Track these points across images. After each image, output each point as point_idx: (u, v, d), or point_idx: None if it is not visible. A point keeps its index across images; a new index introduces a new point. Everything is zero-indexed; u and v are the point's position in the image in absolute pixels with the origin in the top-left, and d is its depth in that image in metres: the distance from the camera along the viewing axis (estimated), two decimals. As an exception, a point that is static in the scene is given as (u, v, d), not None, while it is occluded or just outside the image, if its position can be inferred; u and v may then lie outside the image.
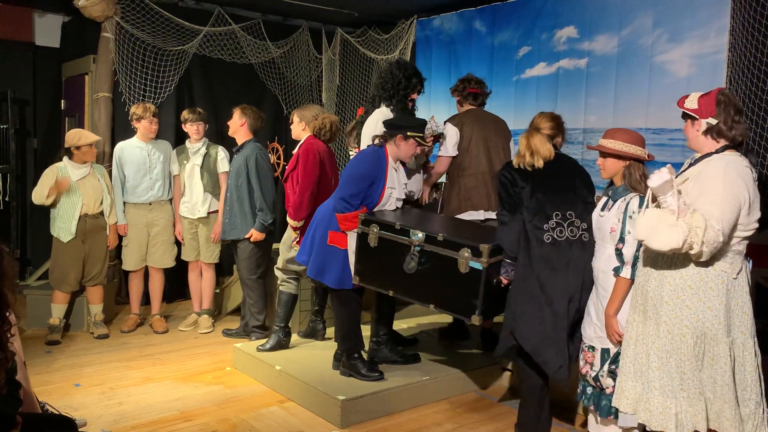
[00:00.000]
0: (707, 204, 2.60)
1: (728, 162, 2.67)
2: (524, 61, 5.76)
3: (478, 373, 4.30)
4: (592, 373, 3.22)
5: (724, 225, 2.58)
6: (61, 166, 5.11)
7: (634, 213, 3.02)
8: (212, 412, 3.85)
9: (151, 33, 6.05)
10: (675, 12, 4.66)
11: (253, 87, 6.94)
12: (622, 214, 3.07)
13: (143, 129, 5.34)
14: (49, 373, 4.41)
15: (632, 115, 4.93)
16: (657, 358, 2.78)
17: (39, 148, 6.96)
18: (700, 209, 2.60)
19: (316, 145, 4.58)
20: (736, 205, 2.61)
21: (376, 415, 3.80)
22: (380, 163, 3.91)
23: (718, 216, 2.57)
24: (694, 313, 2.70)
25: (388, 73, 4.36)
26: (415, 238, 3.61)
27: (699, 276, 2.71)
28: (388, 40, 6.79)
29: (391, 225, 3.72)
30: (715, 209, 2.58)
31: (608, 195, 3.21)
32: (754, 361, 2.73)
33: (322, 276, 3.97)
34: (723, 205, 2.59)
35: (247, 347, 4.60)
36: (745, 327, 2.73)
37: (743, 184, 2.63)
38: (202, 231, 5.45)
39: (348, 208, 3.85)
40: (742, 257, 2.72)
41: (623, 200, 3.10)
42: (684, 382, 2.72)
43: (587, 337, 3.26)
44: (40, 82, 6.88)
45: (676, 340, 2.73)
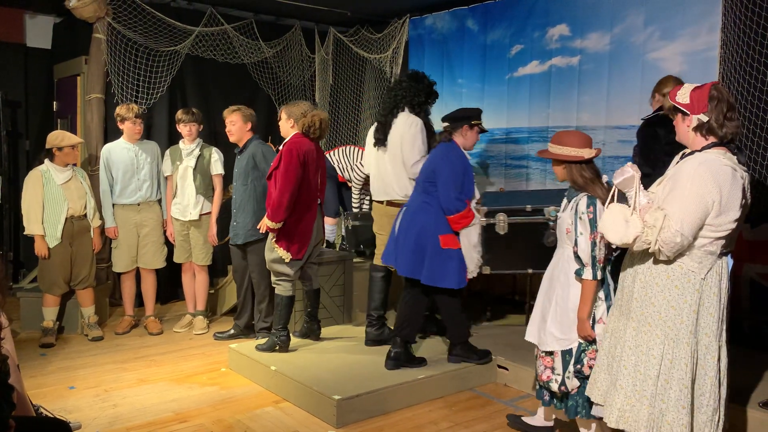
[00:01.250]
0: (672, 204, 2.60)
1: (702, 162, 2.61)
2: (517, 59, 5.77)
3: (473, 372, 4.30)
4: (555, 378, 3.17)
5: (684, 226, 2.55)
6: (44, 170, 5.05)
7: (582, 213, 3.04)
8: (207, 413, 3.85)
9: (143, 33, 6.03)
10: (667, 9, 4.67)
11: (246, 87, 6.93)
12: (573, 215, 3.09)
13: (127, 130, 5.31)
14: (44, 376, 4.39)
15: (624, 112, 4.95)
16: (624, 354, 2.77)
17: (31, 151, 6.92)
18: (666, 208, 2.61)
19: (301, 143, 4.43)
20: (701, 207, 2.56)
21: (372, 415, 3.81)
22: (463, 155, 4.12)
23: (678, 217, 2.56)
24: (657, 311, 2.68)
25: (413, 82, 4.61)
26: (551, 214, 4.22)
27: (666, 274, 2.68)
28: (381, 40, 6.79)
29: (520, 209, 4.31)
30: (676, 210, 2.57)
31: (566, 196, 3.24)
32: (716, 366, 2.65)
33: (442, 281, 4.05)
34: (686, 206, 2.57)
35: (242, 348, 4.59)
36: (710, 329, 2.65)
37: (714, 185, 2.56)
38: (193, 233, 5.42)
39: (463, 204, 4.02)
40: (715, 257, 2.64)
41: (574, 201, 3.12)
42: (643, 383, 2.69)
43: (544, 343, 3.22)
44: (31, 83, 6.85)
45: (641, 338, 2.72)
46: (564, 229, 3.15)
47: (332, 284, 5.45)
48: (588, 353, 3.08)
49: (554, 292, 3.20)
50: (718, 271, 2.66)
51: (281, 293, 4.58)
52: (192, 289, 5.58)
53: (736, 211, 2.59)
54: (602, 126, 5.10)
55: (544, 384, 3.26)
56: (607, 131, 5.07)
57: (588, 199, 3.05)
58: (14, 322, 5.39)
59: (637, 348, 2.73)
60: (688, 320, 2.64)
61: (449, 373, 4.20)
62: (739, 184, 2.60)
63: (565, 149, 3.17)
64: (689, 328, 2.64)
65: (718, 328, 2.66)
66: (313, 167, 4.51)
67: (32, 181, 5.01)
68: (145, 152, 5.40)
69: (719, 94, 2.67)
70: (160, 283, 5.72)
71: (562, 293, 3.15)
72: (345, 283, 5.55)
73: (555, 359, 3.18)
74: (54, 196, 5.03)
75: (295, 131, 4.57)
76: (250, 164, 4.93)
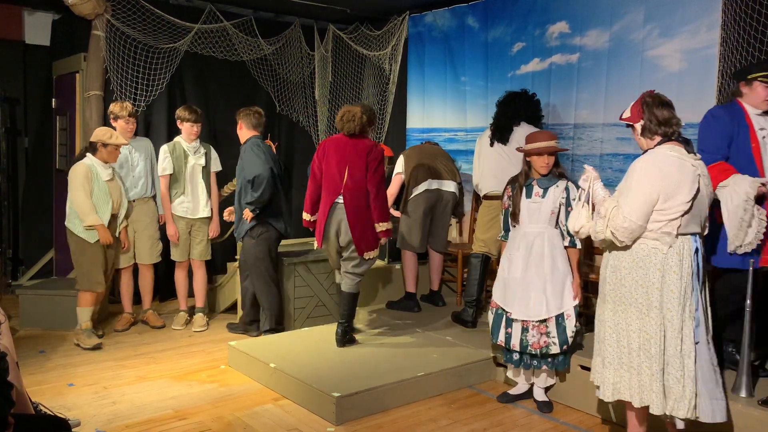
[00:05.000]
0: (623, 195, 3.03)
1: (648, 157, 3.05)
2: (519, 57, 5.76)
3: (472, 369, 4.31)
4: (552, 341, 3.72)
5: (631, 212, 2.97)
6: (90, 164, 4.86)
7: (573, 193, 3.69)
8: (207, 411, 3.85)
9: (142, 30, 6.02)
10: (666, 7, 4.67)
11: (246, 84, 6.92)
12: (563, 198, 3.73)
13: (120, 128, 5.22)
14: (43, 373, 4.39)
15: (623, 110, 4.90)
16: (607, 334, 3.15)
17: (30, 148, 6.92)
18: (619, 200, 3.05)
19: (327, 140, 4.63)
20: (646, 196, 2.96)
21: (371, 412, 3.81)
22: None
23: (627, 206, 2.98)
24: (629, 290, 3.06)
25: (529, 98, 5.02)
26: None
27: (630, 257, 3.06)
28: (380, 37, 6.78)
29: None
30: (625, 200, 3.01)
31: (532, 185, 3.81)
32: (678, 337, 2.98)
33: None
34: (633, 196, 2.98)
35: (241, 345, 4.60)
36: (672, 305, 2.98)
37: (658, 175, 2.96)
38: (201, 230, 5.43)
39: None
40: (673, 237, 2.98)
41: (557, 188, 3.76)
42: (628, 356, 3.07)
43: (536, 314, 3.73)
44: (30, 80, 6.84)
45: (618, 316, 3.10)
46: (547, 212, 3.75)
47: (331, 282, 5.46)
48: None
49: (541, 269, 3.76)
50: (679, 251, 2.99)
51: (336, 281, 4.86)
52: (185, 287, 5.57)
53: (685, 195, 2.95)
54: (600, 123, 5.10)
55: (543, 350, 3.75)
56: (605, 129, 5.07)
57: (574, 185, 3.69)
58: (13, 320, 5.39)
59: (617, 326, 3.12)
60: (654, 296, 3.01)
61: (448, 370, 4.20)
62: (688, 172, 2.97)
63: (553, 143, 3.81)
64: (655, 304, 3.00)
65: (680, 304, 2.98)
66: (335, 161, 4.50)
67: (82, 175, 4.80)
68: (138, 150, 5.40)
69: (650, 99, 3.16)
70: (158, 279, 5.71)
71: (551, 266, 3.74)
72: (344, 280, 5.55)
73: (549, 324, 3.75)
74: (101, 191, 4.88)
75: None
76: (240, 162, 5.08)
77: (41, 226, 6.89)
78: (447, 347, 4.59)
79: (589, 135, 5.20)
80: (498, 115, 5.00)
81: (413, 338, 4.79)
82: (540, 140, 3.82)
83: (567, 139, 5.35)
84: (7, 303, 5.72)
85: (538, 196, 3.78)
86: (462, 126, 6.39)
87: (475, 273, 5.02)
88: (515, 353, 3.89)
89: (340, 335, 4.58)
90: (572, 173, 5.32)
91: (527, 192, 3.82)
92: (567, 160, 5.36)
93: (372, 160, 4.46)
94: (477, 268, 5.01)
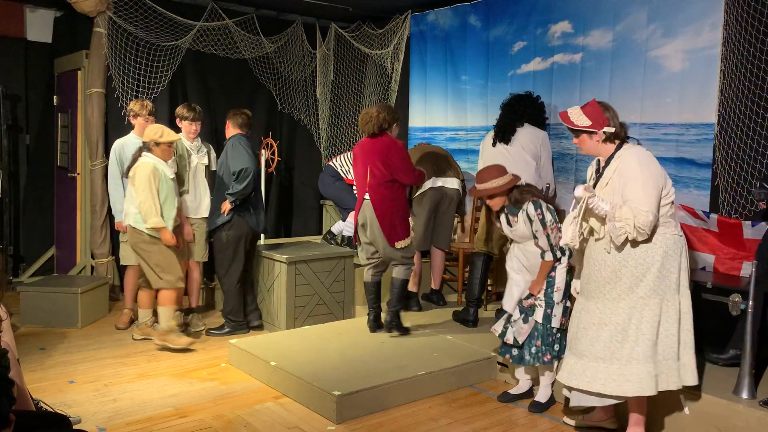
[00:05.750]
0: (634, 194, 3.11)
1: (635, 154, 3.20)
2: (519, 56, 5.76)
3: (473, 368, 4.30)
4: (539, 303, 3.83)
5: (652, 206, 3.09)
6: (154, 163, 4.68)
7: (533, 217, 3.79)
8: (207, 409, 3.85)
9: (144, 28, 6.02)
10: (669, 7, 4.66)
11: (247, 82, 6.92)
12: (527, 222, 3.82)
13: (139, 126, 5.23)
14: (43, 370, 4.39)
15: (626, 110, 4.92)
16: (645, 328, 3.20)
17: (31, 145, 6.92)
18: (629, 201, 3.11)
19: (358, 144, 4.79)
20: (657, 186, 3.14)
21: (372, 410, 3.81)
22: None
23: (645, 201, 3.09)
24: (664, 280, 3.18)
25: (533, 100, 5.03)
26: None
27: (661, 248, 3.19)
28: (382, 36, 6.78)
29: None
30: (641, 196, 3.09)
31: (504, 212, 3.96)
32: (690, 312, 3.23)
33: None
34: (646, 190, 3.10)
35: (242, 343, 4.59)
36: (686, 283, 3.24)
37: (655, 166, 3.18)
38: (200, 230, 5.41)
39: None
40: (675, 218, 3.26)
41: (522, 211, 3.84)
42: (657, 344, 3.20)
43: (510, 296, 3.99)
44: (32, 77, 6.83)
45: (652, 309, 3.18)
46: (524, 235, 3.89)
47: (332, 280, 5.46)
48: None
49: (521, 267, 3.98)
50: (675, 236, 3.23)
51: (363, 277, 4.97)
52: None
53: (670, 183, 3.24)
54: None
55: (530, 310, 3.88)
56: (609, 128, 5.05)
57: (532, 205, 3.80)
58: (14, 316, 5.38)
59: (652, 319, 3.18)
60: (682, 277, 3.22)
61: (449, 369, 4.20)
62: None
63: (498, 180, 3.86)
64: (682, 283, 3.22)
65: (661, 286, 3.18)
66: (360, 162, 4.71)
67: (149, 173, 4.62)
68: None
69: (607, 105, 3.32)
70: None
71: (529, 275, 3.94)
72: (345, 279, 5.55)
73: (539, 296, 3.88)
74: (169, 190, 4.77)
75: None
76: (223, 156, 5.19)
77: (42, 223, 6.89)
78: (447, 346, 4.59)
79: None
80: (501, 116, 5.01)
81: (414, 337, 4.79)
82: (480, 180, 3.94)
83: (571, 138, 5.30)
84: (8, 300, 5.70)
85: (513, 223, 3.94)
86: (462, 125, 6.38)
87: (476, 272, 5.02)
88: (513, 348, 3.91)
89: (388, 321, 4.78)
90: (576, 173, 5.32)
91: (507, 221, 3.99)
92: (571, 160, 5.35)
93: (391, 154, 4.63)
94: (479, 267, 5.01)
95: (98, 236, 6.00)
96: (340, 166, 6.21)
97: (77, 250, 6.39)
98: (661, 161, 4.67)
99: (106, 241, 6.05)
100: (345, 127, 7.37)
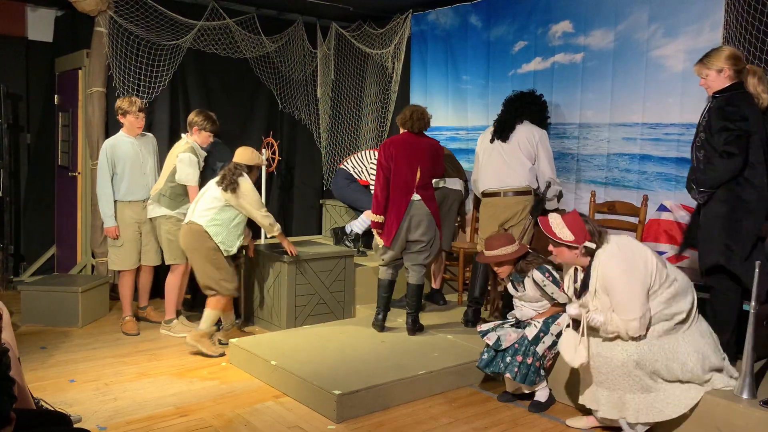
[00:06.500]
0: (619, 306, 3.27)
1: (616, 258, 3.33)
2: (520, 55, 5.75)
3: (473, 368, 4.28)
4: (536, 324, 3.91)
5: (639, 311, 3.24)
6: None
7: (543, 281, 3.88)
8: (208, 408, 3.85)
9: (144, 27, 6.02)
10: (670, 7, 4.66)
11: (248, 82, 6.92)
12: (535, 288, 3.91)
13: (129, 124, 5.17)
14: (44, 369, 4.40)
15: (628, 110, 4.94)
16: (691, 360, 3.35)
17: (32, 144, 6.92)
18: (617, 311, 3.28)
19: (390, 140, 4.77)
20: (644, 286, 3.27)
21: (372, 410, 3.81)
22: None
23: (631, 309, 3.24)
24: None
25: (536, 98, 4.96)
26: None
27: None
28: (383, 35, 6.78)
29: None
30: (626, 306, 3.25)
31: (510, 280, 4.03)
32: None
33: None
34: (631, 296, 3.25)
35: (242, 342, 4.59)
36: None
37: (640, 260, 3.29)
38: None
39: None
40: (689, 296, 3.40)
41: (528, 278, 3.92)
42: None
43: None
44: (33, 77, 6.84)
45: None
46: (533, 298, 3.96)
47: (332, 280, 5.45)
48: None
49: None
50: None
51: (379, 276, 4.94)
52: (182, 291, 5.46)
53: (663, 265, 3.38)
54: (606, 123, 5.08)
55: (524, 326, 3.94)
56: (612, 128, 5.05)
57: (538, 271, 3.90)
58: (15, 316, 5.39)
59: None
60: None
61: (449, 369, 4.20)
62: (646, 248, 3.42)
63: (507, 249, 3.92)
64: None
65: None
66: (405, 160, 4.65)
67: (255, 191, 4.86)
68: (145, 146, 5.34)
69: (586, 216, 3.50)
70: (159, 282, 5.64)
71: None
72: (346, 278, 5.55)
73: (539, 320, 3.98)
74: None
75: (404, 130, 4.81)
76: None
77: (43, 222, 6.89)
78: (448, 346, 4.58)
79: (595, 135, 5.18)
80: (503, 111, 4.98)
81: (414, 337, 4.79)
82: (489, 247, 4.00)
83: (572, 138, 5.34)
84: (9, 299, 5.72)
85: (520, 289, 4.01)
86: (463, 125, 6.38)
87: (477, 273, 5.02)
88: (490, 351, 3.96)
89: (411, 324, 4.82)
90: (578, 173, 5.31)
91: (513, 287, 4.06)
92: (572, 160, 5.35)
93: (439, 156, 4.81)
94: (479, 267, 5.00)
95: (99, 235, 6.00)
96: (353, 167, 6.21)
97: (78, 249, 6.39)
98: (662, 161, 4.73)
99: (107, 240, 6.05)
100: (345, 127, 7.37)
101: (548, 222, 3.50)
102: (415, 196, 4.67)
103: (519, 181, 4.78)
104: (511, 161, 4.80)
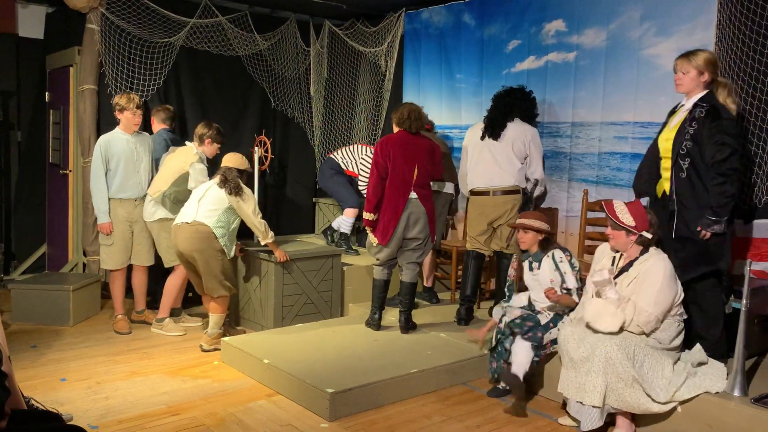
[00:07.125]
0: (646, 295, 3.35)
1: (667, 264, 3.42)
2: (514, 54, 5.76)
3: (466, 366, 4.31)
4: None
5: (658, 313, 3.34)
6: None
7: (561, 260, 3.98)
8: (200, 406, 3.83)
9: (137, 24, 5.99)
10: (662, 6, 4.67)
11: (241, 79, 6.89)
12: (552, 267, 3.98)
13: (126, 121, 5.16)
14: (35, 368, 4.37)
15: (620, 108, 4.95)
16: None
17: (23, 141, 6.88)
18: (638, 301, 3.36)
19: (386, 138, 4.76)
20: (673, 299, 3.39)
21: (365, 408, 3.81)
22: None
23: (653, 305, 3.33)
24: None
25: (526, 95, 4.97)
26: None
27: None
28: (376, 33, 6.77)
29: None
30: (651, 299, 3.34)
31: (529, 260, 4.09)
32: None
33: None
34: (659, 296, 3.34)
35: (235, 341, 4.58)
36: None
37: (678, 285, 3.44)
38: None
39: None
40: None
41: (548, 257, 4.00)
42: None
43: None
44: (23, 74, 6.79)
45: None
46: (546, 280, 3.99)
47: (320, 279, 5.44)
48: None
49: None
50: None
51: (374, 276, 4.93)
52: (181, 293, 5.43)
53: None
54: (598, 122, 5.10)
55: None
56: (603, 127, 5.07)
57: (560, 249, 4.03)
58: (5, 314, 5.36)
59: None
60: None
61: (442, 367, 4.20)
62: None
63: (542, 224, 4.00)
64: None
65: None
66: (402, 159, 4.65)
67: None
68: (141, 144, 5.30)
69: (653, 214, 3.52)
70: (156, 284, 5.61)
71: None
72: (333, 278, 5.53)
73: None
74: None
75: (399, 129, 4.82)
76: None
77: (34, 220, 6.85)
78: (441, 344, 4.59)
79: (587, 134, 5.20)
80: (492, 108, 4.96)
81: (407, 335, 4.79)
82: (526, 216, 4.11)
83: (564, 137, 5.35)
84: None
85: (536, 269, 4.06)
86: (457, 123, 6.39)
87: (468, 271, 5.02)
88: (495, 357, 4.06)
89: (404, 323, 4.83)
90: (571, 171, 5.33)
91: (529, 266, 4.11)
92: (565, 158, 5.36)
93: (437, 155, 4.81)
94: (469, 265, 5.01)
95: (90, 233, 5.96)
96: (342, 158, 6.20)
97: (69, 248, 6.35)
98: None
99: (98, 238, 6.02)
100: (338, 125, 7.36)
101: (612, 205, 3.55)
102: (413, 194, 4.68)
103: (508, 180, 4.80)
104: (501, 160, 4.80)
